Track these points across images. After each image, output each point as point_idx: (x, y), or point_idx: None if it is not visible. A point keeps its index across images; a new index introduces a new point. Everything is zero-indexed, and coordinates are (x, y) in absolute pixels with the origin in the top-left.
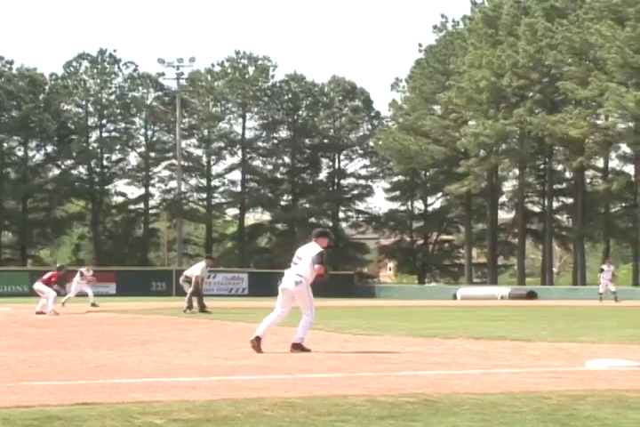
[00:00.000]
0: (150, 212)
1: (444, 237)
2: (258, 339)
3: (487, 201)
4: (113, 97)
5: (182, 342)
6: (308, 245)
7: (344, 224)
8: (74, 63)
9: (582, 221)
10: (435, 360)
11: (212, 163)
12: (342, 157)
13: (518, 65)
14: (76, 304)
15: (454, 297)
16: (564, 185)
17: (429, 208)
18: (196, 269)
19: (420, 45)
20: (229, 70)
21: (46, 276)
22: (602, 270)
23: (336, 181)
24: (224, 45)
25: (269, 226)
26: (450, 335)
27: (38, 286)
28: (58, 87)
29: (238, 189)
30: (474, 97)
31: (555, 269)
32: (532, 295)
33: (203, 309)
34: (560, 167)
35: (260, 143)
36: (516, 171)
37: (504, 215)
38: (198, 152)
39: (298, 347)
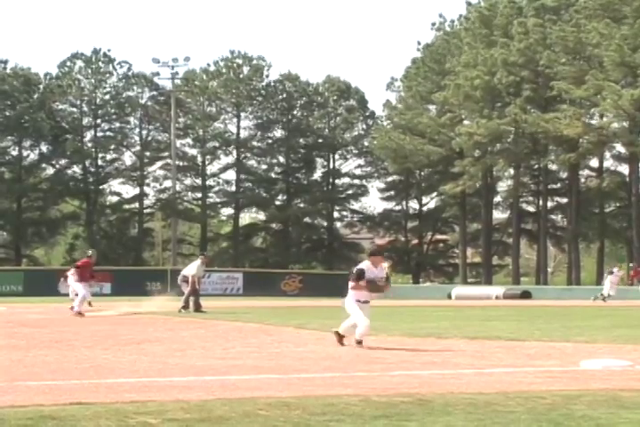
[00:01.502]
0: (145, 211)
1: (438, 236)
2: (338, 334)
3: (482, 201)
4: (107, 96)
5: (177, 342)
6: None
7: (339, 224)
8: (68, 63)
9: (577, 221)
10: (429, 360)
11: (206, 162)
12: (337, 156)
13: (510, 62)
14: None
15: (449, 297)
16: (559, 185)
17: (424, 208)
18: (191, 269)
19: (419, 44)
20: (224, 70)
21: (79, 263)
22: (611, 273)
23: (331, 180)
24: (219, 45)
25: (264, 226)
26: (444, 335)
27: (71, 282)
28: (52, 87)
29: (233, 188)
30: (468, 96)
31: (549, 269)
32: (526, 295)
33: (198, 308)
34: (555, 167)
35: (254, 143)
36: (511, 171)
37: (499, 215)
38: (193, 152)
39: (359, 342)
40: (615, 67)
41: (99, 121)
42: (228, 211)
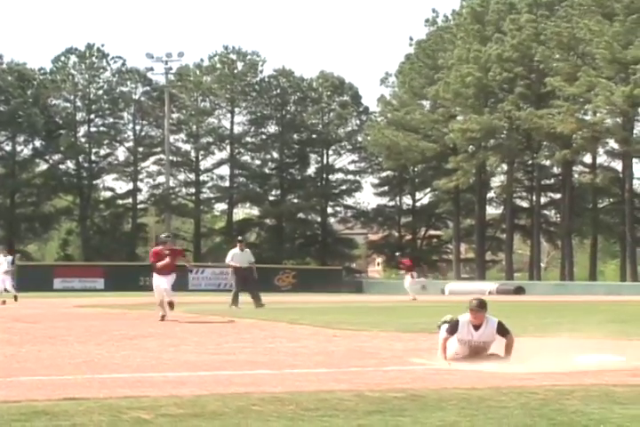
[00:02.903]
0: (138, 207)
1: (432, 232)
2: None
3: (475, 196)
4: (101, 92)
5: (170, 338)
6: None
7: (332, 219)
8: (62, 58)
9: (570, 217)
10: (422, 355)
11: (200, 158)
12: (331, 152)
13: (503, 57)
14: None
15: (442, 292)
16: (552, 181)
17: (418, 204)
18: (227, 257)
19: (411, 39)
20: (218, 65)
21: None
22: None
23: (324, 176)
24: (213, 40)
25: (258, 221)
26: (438, 330)
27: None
28: (46, 82)
29: (227, 184)
30: (461, 91)
31: (542, 265)
32: (519, 291)
33: (257, 303)
34: (548, 163)
35: (248, 138)
36: (505, 166)
37: (492, 211)
38: (187, 147)
39: None
40: (607, 63)
41: (92, 116)
42: (221, 206)
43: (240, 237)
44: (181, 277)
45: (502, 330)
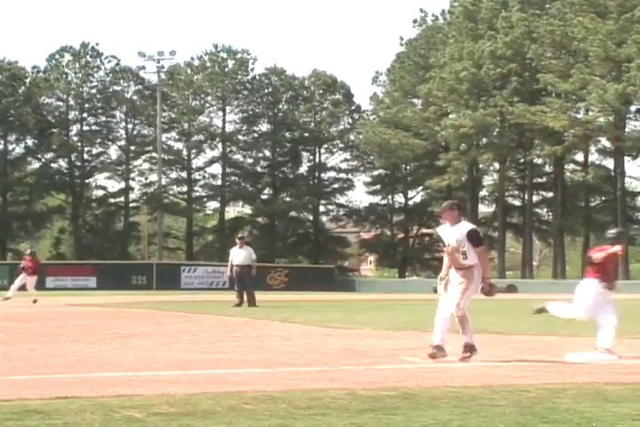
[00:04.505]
0: (130, 205)
1: (424, 230)
2: None
3: (467, 195)
4: (94, 91)
5: (163, 336)
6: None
7: (324, 218)
8: (56, 56)
9: (562, 215)
10: (415, 354)
11: (192, 156)
12: (323, 150)
13: (496, 54)
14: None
15: (435, 291)
16: (545, 179)
17: (410, 202)
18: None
19: (402, 39)
20: (209, 64)
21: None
22: None
23: (317, 174)
24: (204, 39)
25: (250, 219)
26: (430, 329)
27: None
28: (39, 80)
29: (219, 182)
30: (454, 88)
31: (535, 263)
32: (511, 289)
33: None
34: (540, 161)
35: (240, 137)
36: (497, 164)
37: (484, 209)
38: (178, 145)
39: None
40: (600, 61)
41: (85, 115)
42: (213, 204)
43: (240, 235)
44: (174, 275)
45: (473, 238)
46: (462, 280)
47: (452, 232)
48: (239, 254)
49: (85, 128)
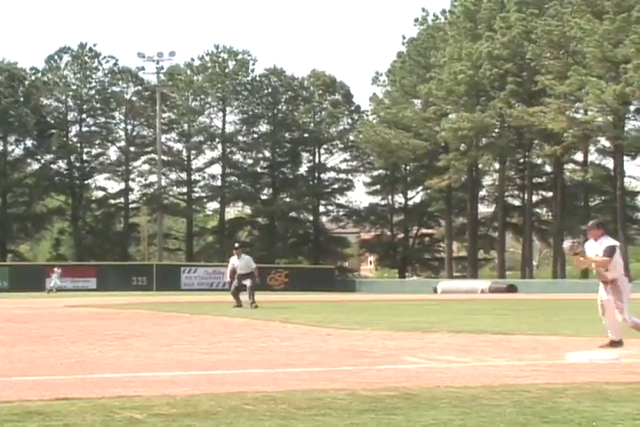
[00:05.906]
0: (130, 206)
1: (424, 230)
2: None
3: (467, 195)
4: (93, 91)
5: (163, 337)
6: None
7: (324, 218)
8: (55, 57)
9: (562, 215)
10: (415, 354)
11: (192, 157)
12: (322, 151)
13: (494, 55)
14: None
15: (435, 291)
16: (544, 179)
17: (410, 202)
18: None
19: (404, 37)
20: (209, 64)
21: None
22: None
23: (316, 175)
24: (204, 39)
25: (250, 220)
26: (430, 329)
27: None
28: (38, 82)
29: (218, 183)
30: (454, 89)
31: (534, 263)
32: (511, 289)
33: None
34: (540, 161)
35: (240, 137)
36: (496, 165)
37: (484, 209)
38: (178, 146)
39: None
40: (597, 62)
41: (84, 116)
42: (213, 205)
43: (237, 244)
44: (174, 276)
45: (605, 251)
46: (614, 298)
47: (596, 247)
48: (240, 264)
49: (85, 129)
